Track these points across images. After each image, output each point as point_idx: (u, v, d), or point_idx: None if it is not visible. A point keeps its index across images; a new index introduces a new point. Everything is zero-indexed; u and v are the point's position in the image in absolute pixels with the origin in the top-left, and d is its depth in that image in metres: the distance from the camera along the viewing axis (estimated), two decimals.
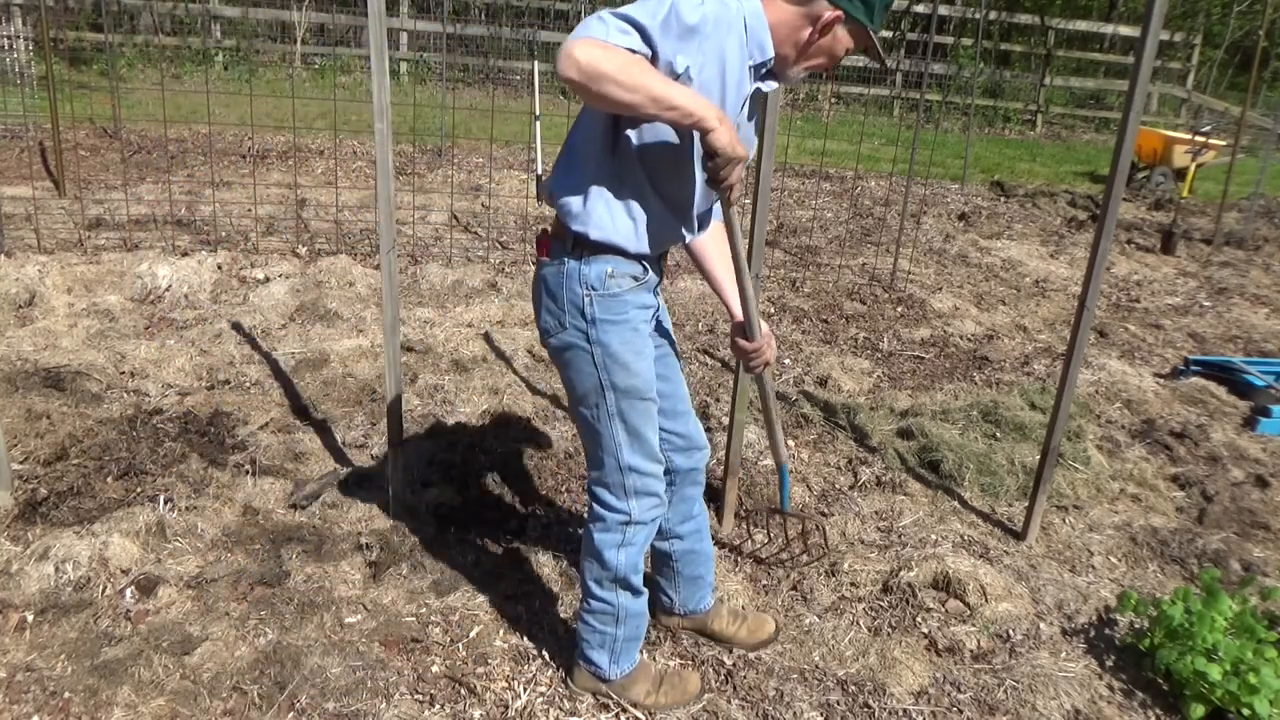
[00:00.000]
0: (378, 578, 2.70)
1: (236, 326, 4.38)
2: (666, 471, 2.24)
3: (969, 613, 2.73)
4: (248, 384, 3.87)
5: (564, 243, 1.95)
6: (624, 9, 1.69)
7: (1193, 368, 4.76)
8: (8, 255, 4.95)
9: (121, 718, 2.13)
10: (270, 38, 13.35)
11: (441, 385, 3.97)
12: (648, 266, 2.00)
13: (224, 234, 5.74)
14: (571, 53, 1.61)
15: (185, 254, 5.22)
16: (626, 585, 2.18)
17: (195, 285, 4.83)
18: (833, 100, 14.54)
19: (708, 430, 3.74)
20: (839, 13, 1.84)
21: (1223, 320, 5.91)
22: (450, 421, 3.66)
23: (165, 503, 2.93)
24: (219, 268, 5.07)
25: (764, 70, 1.91)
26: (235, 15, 12.60)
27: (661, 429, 2.19)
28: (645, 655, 2.41)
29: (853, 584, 2.84)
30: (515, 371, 4.18)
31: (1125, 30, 15.30)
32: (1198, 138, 9.00)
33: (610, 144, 1.87)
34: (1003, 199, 9.15)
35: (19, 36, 9.80)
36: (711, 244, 2.18)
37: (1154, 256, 7.40)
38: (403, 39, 13.23)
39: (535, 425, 3.66)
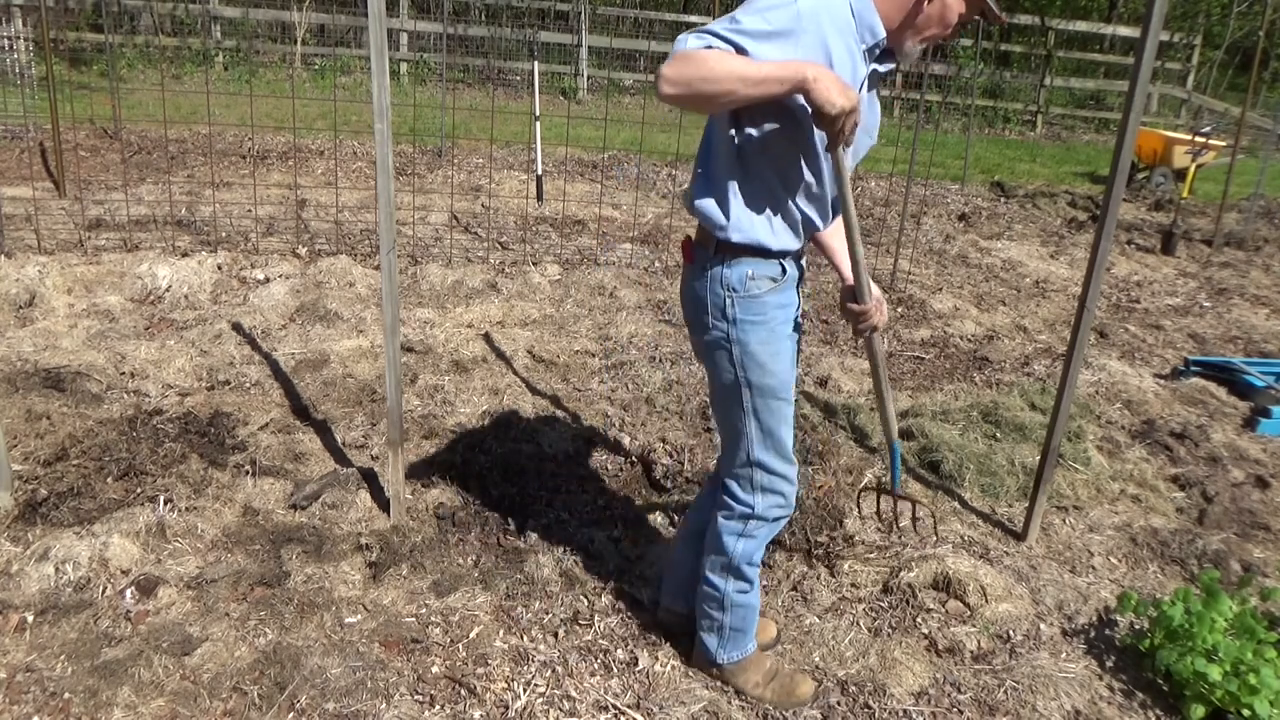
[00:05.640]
0: (378, 578, 2.70)
1: (236, 327, 4.38)
2: None
3: (969, 613, 2.73)
4: (248, 384, 3.87)
5: (707, 248, 2.03)
6: (715, 25, 1.76)
7: (1193, 368, 4.76)
8: (8, 256, 4.95)
9: (121, 718, 2.13)
10: (270, 38, 13.36)
11: (441, 385, 3.97)
12: (786, 266, 2.06)
13: (224, 234, 5.75)
14: (662, 73, 1.71)
15: (185, 254, 5.22)
16: (738, 575, 2.25)
17: (195, 286, 4.83)
18: None
19: (707, 431, 3.75)
20: None
21: (1223, 321, 5.91)
22: (450, 421, 3.66)
23: (165, 503, 2.93)
24: (219, 268, 5.07)
25: (878, 51, 1.95)
26: (235, 16, 12.60)
27: None
28: (759, 649, 2.43)
29: (853, 584, 2.84)
30: (515, 372, 4.18)
31: (1125, 31, 15.30)
32: (1198, 138, 9.00)
33: (736, 149, 1.94)
34: (1003, 199, 9.15)
35: (19, 37, 9.80)
36: None
37: (1154, 257, 7.40)
38: (403, 39, 13.23)
39: (535, 425, 3.66)
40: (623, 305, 5.16)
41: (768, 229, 1.98)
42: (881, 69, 1.97)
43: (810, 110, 1.78)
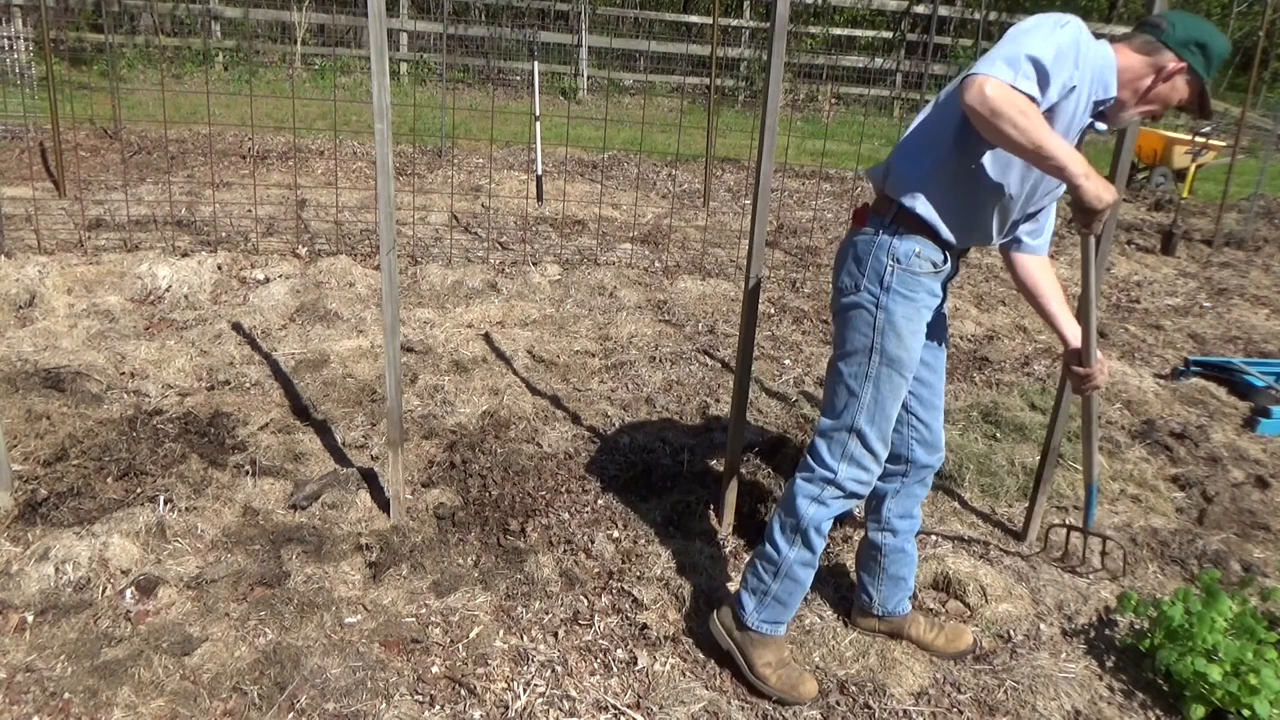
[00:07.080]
0: (378, 578, 2.70)
1: (236, 327, 4.38)
2: (905, 461, 2.43)
3: (969, 613, 2.73)
4: (248, 384, 3.87)
5: (883, 217, 2.13)
6: (1026, 46, 1.86)
7: (1193, 368, 4.76)
8: (8, 256, 4.95)
9: (121, 718, 2.13)
10: (270, 38, 13.36)
11: (441, 385, 3.97)
12: (949, 257, 2.16)
13: (224, 234, 5.75)
14: (984, 88, 1.80)
15: (185, 254, 5.22)
16: (804, 540, 2.28)
17: (195, 286, 4.83)
18: (833, 101, 14.54)
19: (707, 430, 3.74)
20: (1184, 64, 2.03)
21: (1223, 321, 5.91)
22: (450, 421, 3.66)
23: (165, 503, 2.93)
24: (219, 268, 5.07)
25: (1100, 108, 2.08)
26: (235, 16, 12.60)
27: (916, 417, 2.39)
28: (787, 639, 2.44)
29: (853, 584, 2.84)
30: (515, 372, 4.18)
31: (1125, 31, 15.29)
32: (1198, 138, 9.00)
33: (959, 142, 2.04)
34: None
35: (19, 37, 9.81)
36: (1044, 278, 2.40)
37: (1154, 257, 7.40)
38: (403, 39, 13.23)
39: (535, 425, 3.66)
40: (623, 305, 5.16)
41: (949, 218, 2.09)
42: (1097, 126, 2.11)
43: (1073, 201, 1.91)
